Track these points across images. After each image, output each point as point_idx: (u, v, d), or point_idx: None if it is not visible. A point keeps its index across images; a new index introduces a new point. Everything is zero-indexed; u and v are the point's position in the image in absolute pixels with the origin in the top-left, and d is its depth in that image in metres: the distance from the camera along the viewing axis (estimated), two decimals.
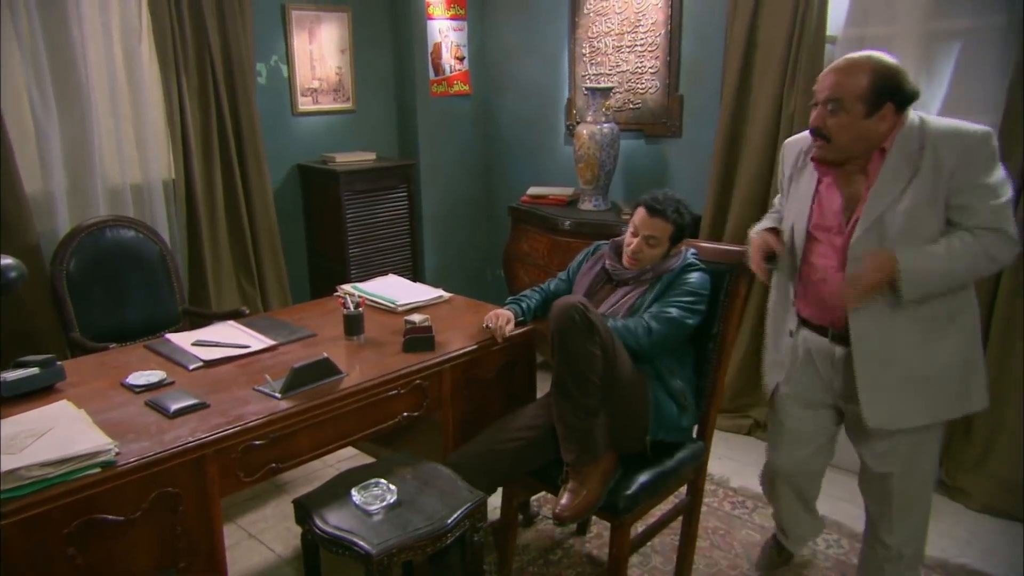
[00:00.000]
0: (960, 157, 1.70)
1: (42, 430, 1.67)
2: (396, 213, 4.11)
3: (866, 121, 1.73)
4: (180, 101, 3.33)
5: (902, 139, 1.74)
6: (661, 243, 2.25)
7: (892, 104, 1.71)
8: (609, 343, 1.99)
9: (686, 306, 2.15)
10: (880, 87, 1.70)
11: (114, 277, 2.98)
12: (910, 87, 1.73)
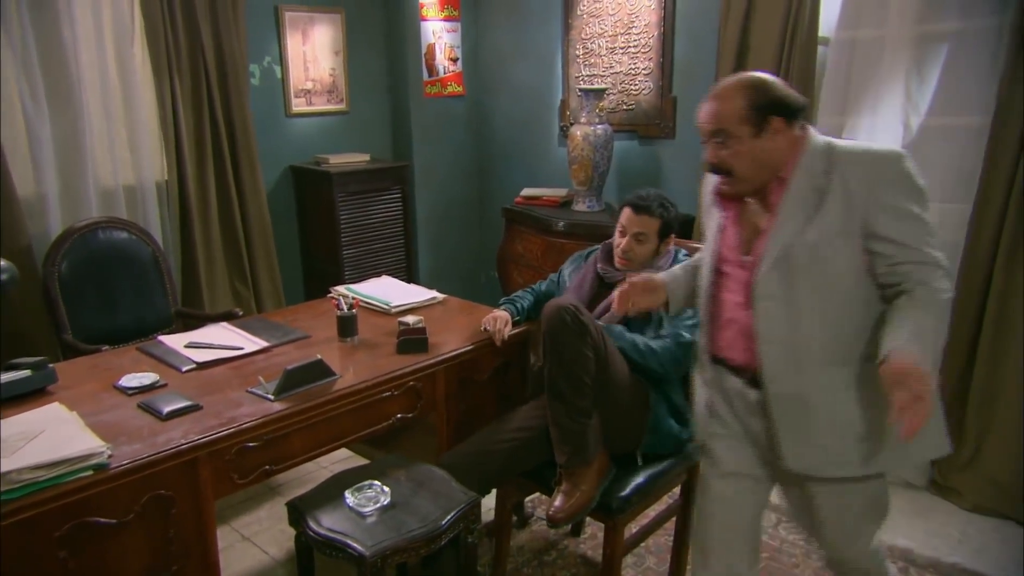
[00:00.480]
0: (871, 181, 1.54)
1: (34, 433, 1.66)
2: (390, 214, 4.11)
3: (758, 142, 1.58)
4: (173, 102, 3.32)
5: (805, 164, 1.58)
6: (650, 239, 2.26)
7: (779, 118, 1.57)
8: (601, 344, 2.00)
9: (695, 324, 2.15)
10: (759, 103, 1.57)
11: (107, 279, 2.97)
12: (792, 96, 1.59)
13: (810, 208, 1.57)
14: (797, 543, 2.60)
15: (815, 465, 1.66)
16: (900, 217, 1.53)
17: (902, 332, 1.47)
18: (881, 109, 2.82)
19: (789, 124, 1.58)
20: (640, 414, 2.13)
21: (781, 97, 1.59)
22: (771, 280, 1.61)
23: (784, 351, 1.62)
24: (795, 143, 1.59)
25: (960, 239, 2.71)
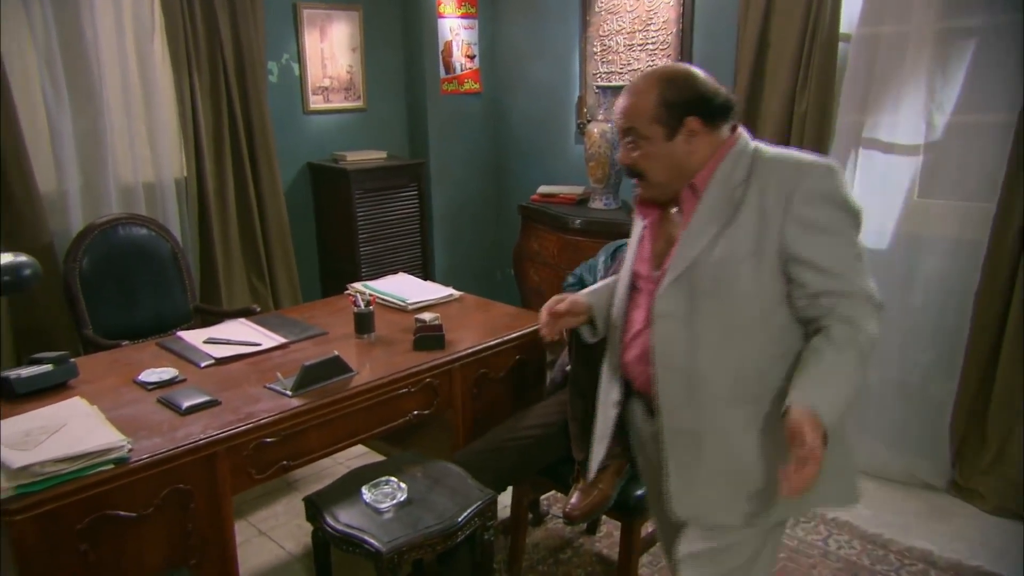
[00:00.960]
0: (791, 193, 1.34)
1: (55, 427, 1.68)
2: (406, 212, 4.11)
3: (670, 145, 1.41)
4: (192, 99, 3.35)
5: (723, 172, 1.40)
6: None
7: (696, 119, 1.40)
8: None
9: None
10: (672, 101, 1.40)
11: (126, 275, 3.00)
12: (713, 93, 1.42)
13: (720, 222, 1.39)
14: (815, 544, 2.57)
15: (699, 515, 1.48)
16: (823, 237, 1.34)
17: (807, 380, 1.30)
18: (902, 107, 2.78)
19: (709, 125, 1.41)
20: None
21: (700, 94, 1.41)
22: (672, 298, 1.43)
23: (681, 380, 1.44)
24: (717, 147, 1.42)
25: (983, 238, 2.67)
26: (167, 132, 3.36)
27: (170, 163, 3.38)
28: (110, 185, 3.19)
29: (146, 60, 3.25)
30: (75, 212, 3.12)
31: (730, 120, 1.44)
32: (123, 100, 3.23)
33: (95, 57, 3.07)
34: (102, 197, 3.19)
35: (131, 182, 3.29)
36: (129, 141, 3.27)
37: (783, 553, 2.52)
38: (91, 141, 3.14)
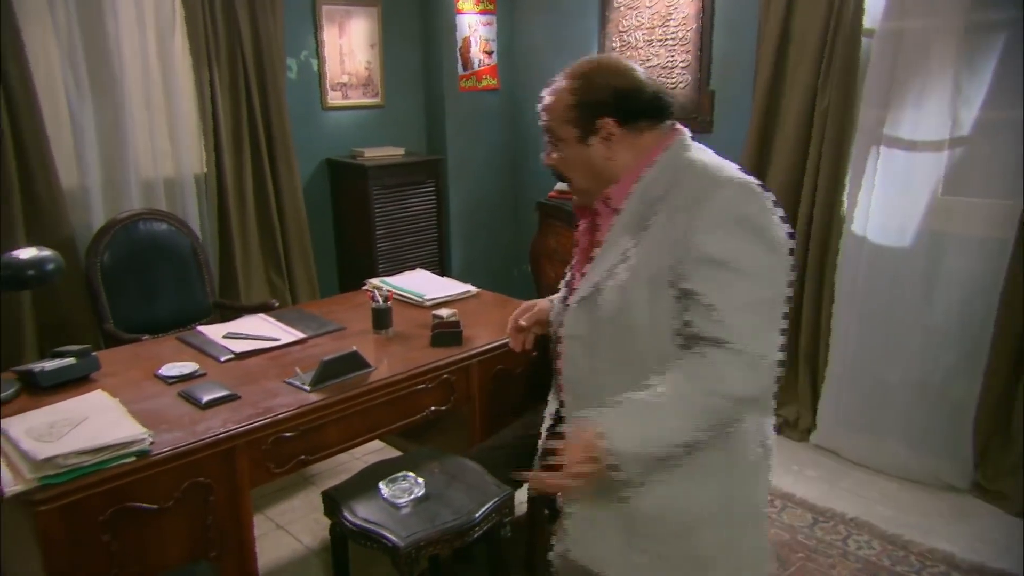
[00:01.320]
0: (693, 218, 1.16)
1: (78, 419, 1.70)
2: (424, 208, 4.12)
3: (586, 148, 1.27)
4: (212, 95, 3.37)
5: (644, 183, 1.25)
6: None
7: (612, 120, 1.24)
8: None
9: None
10: (584, 100, 1.26)
11: (147, 269, 3.02)
12: (636, 91, 1.25)
13: (631, 243, 1.23)
14: (834, 543, 2.55)
15: (598, 558, 1.31)
16: (720, 273, 1.14)
17: (623, 404, 1.16)
18: (927, 103, 2.74)
19: (628, 127, 1.25)
20: None
21: (617, 92, 1.25)
22: (578, 319, 1.30)
23: (583, 404, 1.29)
24: (641, 153, 1.26)
25: (1009, 236, 2.63)
26: (187, 128, 3.38)
27: (190, 159, 3.40)
28: (131, 180, 3.22)
29: (167, 56, 3.27)
30: (96, 207, 3.15)
31: (662, 121, 1.28)
32: (144, 96, 3.25)
33: (116, 53, 3.10)
34: (123, 192, 3.22)
35: (151, 177, 3.32)
36: (150, 137, 3.29)
37: (800, 552, 2.50)
38: (112, 136, 3.17)
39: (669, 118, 1.29)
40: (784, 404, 3.36)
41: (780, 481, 2.94)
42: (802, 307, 3.23)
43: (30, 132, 2.88)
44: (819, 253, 3.13)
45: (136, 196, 3.24)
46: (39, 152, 2.91)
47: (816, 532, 2.62)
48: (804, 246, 3.15)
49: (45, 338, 3.02)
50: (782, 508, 2.77)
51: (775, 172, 3.22)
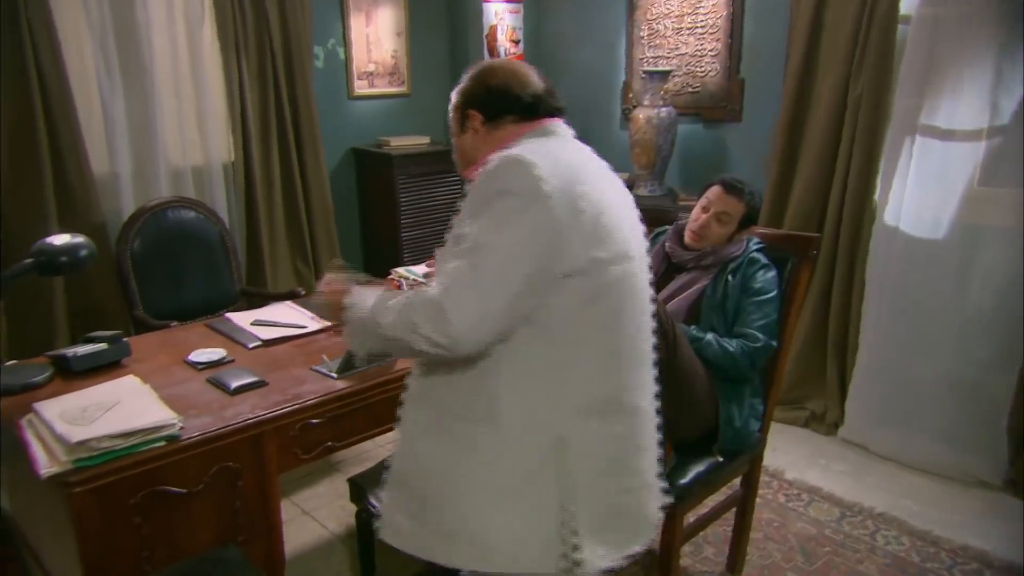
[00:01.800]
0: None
1: (110, 403, 1.72)
2: (449, 197, 4.12)
3: (461, 136, 1.46)
4: (240, 84, 3.39)
5: (481, 171, 1.32)
6: (731, 223, 2.19)
7: (476, 113, 1.40)
8: (670, 331, 1.95)
9: (766, 324, 2.08)
10: (462, 96, 1.44)
11: (175, 257, 3.05)
12: (503, 91, 1.39)
13: (463, 219, 1.34)
14: (861, 538, 2.52)
15: (394, 534, 1.37)
16: (452, 240, 1.29)
17: (370, 295, 1.36)
18: (965, 90, 2.68)
19: (490, 123, 1.40)
20: (709, 405, 2.09)
21: (486, 91, 1.40)
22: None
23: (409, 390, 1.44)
24: (497, 144, 1.37)
25: None
26: (215, 117, 3.41)
27: (218, 147, 3.43)
28: (160, 168, 3.25)
29: (196, 45, 3.29)
30: (127, 195, 3.19)
31: (531, 119, 1.41)
32: (173, 85, 3.28)
33: (147, 43, 3.12)
34: (152, 180, 3.25)
35: (180, 166, 3.35)
36: (179, 126, 3.32)
37: (827, 547, 2.48)
38: (142, 125, 3.20)
39: (542, 117, 1.41)
40: (811, 397, 3.32)
41: (806, 475, 2.91)
42: (831, 299, 3.18)
43: (63, 120, 2.92)
44: (849, 244, 3.08)
45: (165, 184, 3.27)
46: (71, 140, 2.95)
47: (843, 527, 2.59)
48: (834, 237, 3.11)
49: (76, 324, 3.07)
50: (809, 502, 2.74)
51: (805, 162, 3.17)
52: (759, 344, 2.06)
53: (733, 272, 2.14)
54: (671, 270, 2.29)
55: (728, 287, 2.13)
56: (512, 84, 1.40)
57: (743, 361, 2.05)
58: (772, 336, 2.09)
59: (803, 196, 3.17)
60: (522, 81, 1.41)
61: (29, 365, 2.01)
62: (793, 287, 2.20)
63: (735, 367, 2.06)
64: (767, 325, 2.08)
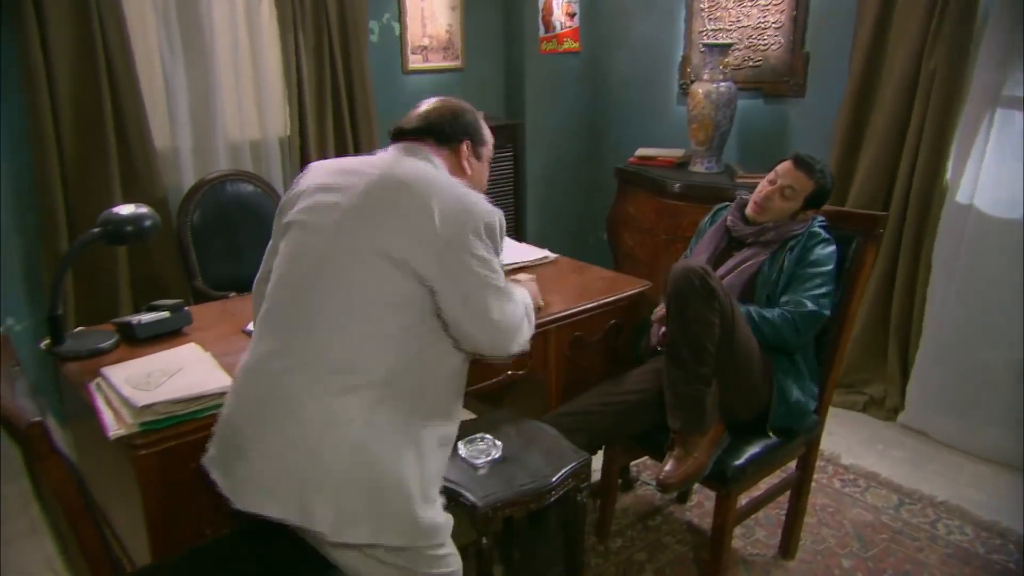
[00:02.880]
0: None
1: (173, 370, 1.76)
2: (501, 174, 4.09)
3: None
4: (297, 60, 3.41)
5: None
6: (796, 199, 2.13)
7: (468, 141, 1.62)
8: (729, 311, 1.91)
9: (819, 294, 2.03)
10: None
11: (233, 229, 3.11)
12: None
13: None
14: (921, 527, 2.45)
15: (332, 526, 1.35)
16: None
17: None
18: None
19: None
20: (765, 385, 2.04)
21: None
22: None
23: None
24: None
25: None
26: (272, 92, 3.44)
27: (275, 122, 3.47)
28: (219, 142, 3.31)
29: (254, 21, 3.32)
30: (187, 168, 3.25)
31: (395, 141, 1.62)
32: (232, 61, 3.32)
33: (208, 19, 3.16)
34: (211, 154, 3.31)
35: (238, 139, 3.40)
36: (237, 100, 3.36)
37: (884, 533, 2.41)
38: (202, 100, 3.25)
39: (399, 140, 1.60)
40: (870, 382, 3.23)
41: (863, 460, 2.84)
42: (894, 281, 3.08)
43: (127, 95, 2.98)
44: (916, 225, 2.97)
45: (223, 158, 3.33)
46: (135, 114, 3.01)
47: (902, 514, 2.53)
48: (900, 217, 3.00)
49: (138, 293, 3.16)
50: (866, 488, 2.68)
51: (871, 138, 3.06)
52: (805, 309, 2.00)
53: (792, 248, 2.09)
54: (731, 246, 2.24)
55: (786, 263, 2.08)
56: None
57: (786, 328, 2.00)
58: (823, 307, 2.02)
59: (868, 174, 3.06)
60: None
61: (96, 331, 2.07)
62: (857, 267, 2.13)
63: (778, 335, 2.01)
64: (817, 295, 2.02)
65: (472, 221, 1.41)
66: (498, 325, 1.47)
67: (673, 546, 2.40)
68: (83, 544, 1.17)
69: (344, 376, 1.35)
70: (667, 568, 2.30)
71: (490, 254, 1.45)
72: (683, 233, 3.42)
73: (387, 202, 1.41)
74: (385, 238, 1.38)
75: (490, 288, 1.44)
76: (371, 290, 1.37)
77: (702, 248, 2.29)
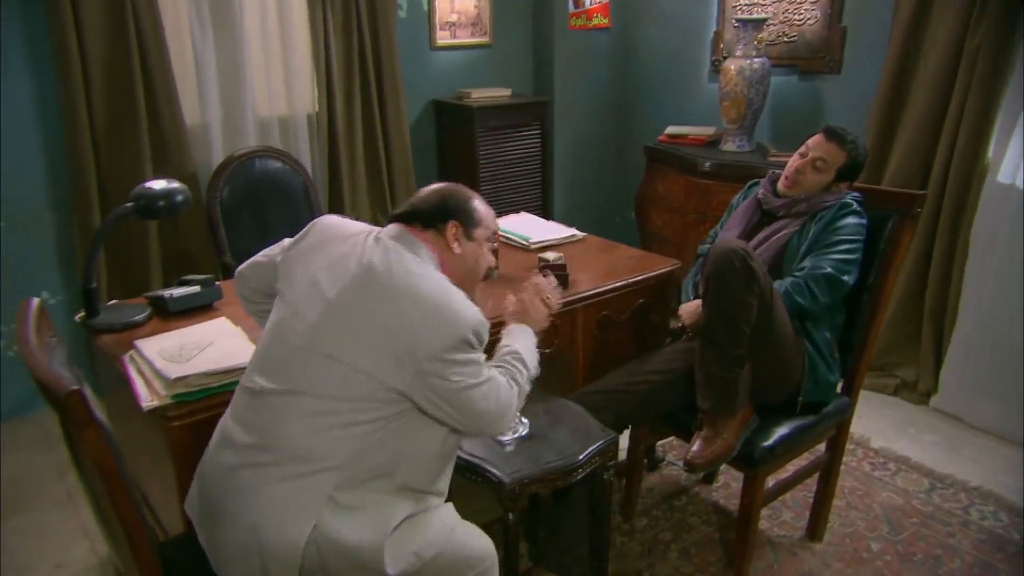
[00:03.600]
0: None
1: (205, 343, 1.78)
2: (528, 151, 4.06)
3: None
4: (325, 36, 3.40)
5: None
6: (828, 171, 2.08)
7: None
8: (767, 292, 1.88)
9: (841, 259, 1.99)
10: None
11: (262, 205, 3.12)
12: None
13: None
14: (953, 511, 2.42)
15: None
16: None
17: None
18: None
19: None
20: (797, 367, 2.02)
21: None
22: None
23: None
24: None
25: None
26: (301, 68, 3.44)
27: (303, 98, 3.47)
28: (248, 119, 3.32)
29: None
30: (216, 144, 3.27)
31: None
32: (261, 37, 3.32)
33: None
34: (240, 130, 3.32)
35: (267, 116, 3.41)
36: (266, 76, 3.37)
37: (915, 518, 2.38)
38: (231, 76, 3.26)
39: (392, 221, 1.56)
40: (902, 365, 3.18)
41: (894, 444, 2.80)
42: (930, 263, 3.02)
43: (158, 71, 3.00)
44: (954, 205, 2.90)
45: (252, 134, 3.34)
46: (166, 90, 3.03)
47: (933, 498, 2.49)
48: (938, 196, 2.93)
49: (168, 268, 3.20)
50: (896, 472, 2.65)
51: (909, 116, 2.98)
52: (820, 272, 1.96)
53: (821, 218, 2.05)
54: (763, 220, 2.21)
55: (812, 234, 2.04)
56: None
57: (795, 291, 1.96)
58: (842, 272, 1.98)
59: (906, 153, 2.99)
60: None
61: (129, 305, 2.10)
62: (893, 247, 2.08)
63: (791, 303, 1.97)
64: (839, 259, 1.98)
65: (452, 335, 1.36)
66: (483, 415, 1.43)
67: (699, 526, 2.39)
68: (120, 512, 1.19)
69: (302, 464, 1.35)
70: (692, 548, 2.29)
71: (471, 356, 1.41)
72: (713, 212, 3.38)
73: (366, 310, 1.38)
74: (360, 352, 1.36)
75: (473, 387, 1.40)
76: (342, 392, 1.36)
77: (733, 223, 2.25)
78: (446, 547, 1.44)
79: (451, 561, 1.44)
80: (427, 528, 1.44)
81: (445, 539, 1.45)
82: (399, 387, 1.37)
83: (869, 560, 2.23)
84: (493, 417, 1.46)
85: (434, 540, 1.43)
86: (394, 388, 1.37)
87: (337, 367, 1.36)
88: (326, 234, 1.54)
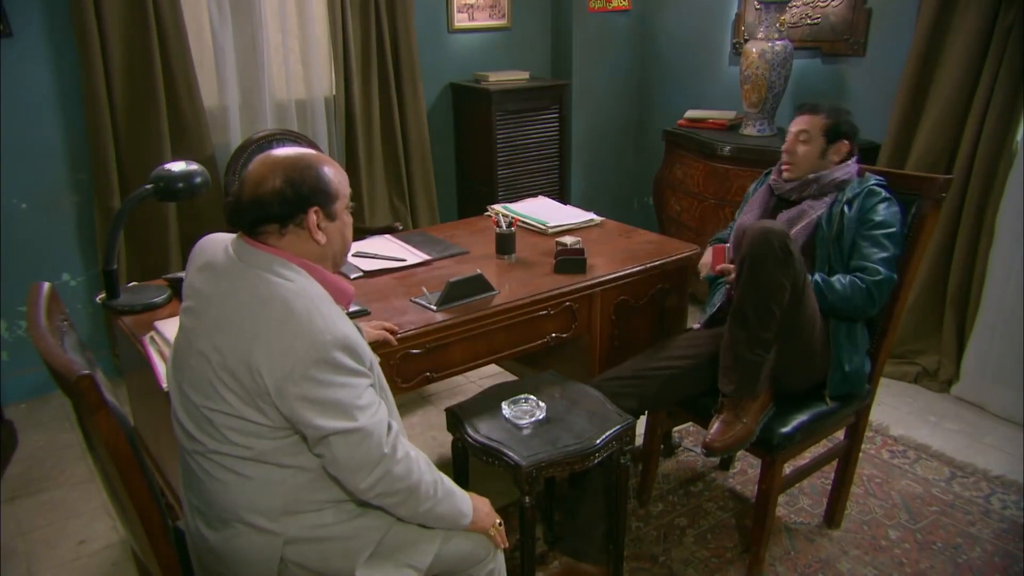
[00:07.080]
0: None
1: None
2: (546, 135, 4.04)
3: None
4: (343, 18, 3.38)
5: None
6: (813, 139, 2.07)
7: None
8: (801, 277, 1.86)
9: (888, 257, 1.96)
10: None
11: None
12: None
13: None
14: (974, 500, 2.39)
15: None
16: None
17: None
18: None
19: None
20: (823, 355, 2.00)
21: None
22: None
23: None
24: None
25: None
26: (319, 51, 3.43)
27: (320, 81, 3.46)
28: (266, 101, 3.32)
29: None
30: (234, 127, 3.27)
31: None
32: (279, 19, 3.31)
33: None
34: (258, 113, 3.32)
35: (284, 99, 3.41)
36: (284, 59, 3.36)
37: (935, 506, 2.36)
38: (249, 59, 3.26)
39: (236, 226, 1.35)
40: (924, 352, 3.14)
41: (915, 432, 2.78)
42: (954, 248, 2.97)
43: (176, 54, 3.00)
44: (980, 189, 2.85)
45: (270, 117, 3.34)
46: (184, 73, 3.03)
47: (953, 487, 2.47)
48: (963, 181, 2.88)
49: (185, 250, 3.20)
50: (916, 460, 2.62)
51: (935, 99, 2.93)
52: (879, 277, 1.94)
53: (849, 204, 2.02)
54: (779, 206, 2.19)
55: (845, 220, 2.01)
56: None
57: (858, 296, 1.95)
58: (893, 270, 1.96)
59: (931, 136, 2.94)
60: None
61: (149, 287, 2.12)
62: (917, 232, 2.05)
63: (847, 304, 1.95)
64: (888, 259, 1.96)
65: (303, 362, 1.22)
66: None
67: (715, 512, 2.38)
68: (132, 493, 1.19)
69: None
70: (708, 533, 2.28)
71: (344, 378, 1.26)
72: (732, 198, 3.34)
73: (217, 348, 1.25)
74: (220, 398, 1.26)
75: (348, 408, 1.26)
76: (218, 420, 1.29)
77: (750, 210, 2.24)
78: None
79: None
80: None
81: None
82: (266, 423, 1.27)
83: (887, 548, 2.21)
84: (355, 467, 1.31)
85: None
86: (264, 423, 1.28)
87: (209, 401, 1.29)
88: (200, 262, 1.36)
